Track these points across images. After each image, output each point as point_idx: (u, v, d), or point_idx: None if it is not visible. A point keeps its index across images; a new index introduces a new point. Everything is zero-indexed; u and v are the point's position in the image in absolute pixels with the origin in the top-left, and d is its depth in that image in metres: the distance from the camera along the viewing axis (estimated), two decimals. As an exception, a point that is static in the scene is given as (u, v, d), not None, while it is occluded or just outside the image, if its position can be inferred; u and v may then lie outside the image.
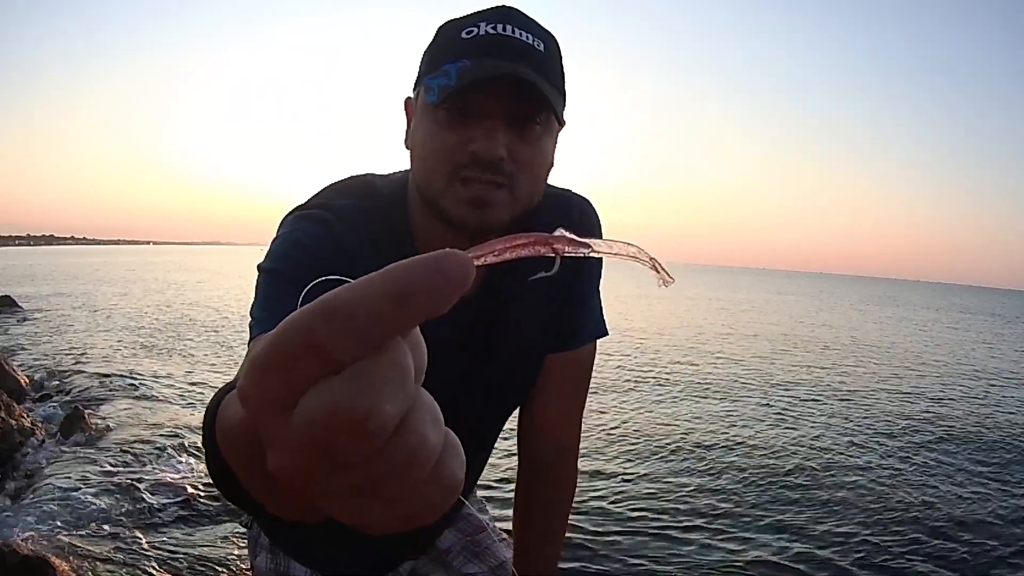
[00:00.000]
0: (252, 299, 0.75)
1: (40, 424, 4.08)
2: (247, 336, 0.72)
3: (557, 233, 0.27)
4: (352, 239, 0.78)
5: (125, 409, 4.88)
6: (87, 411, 4.18)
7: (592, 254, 0.29)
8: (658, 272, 0.31)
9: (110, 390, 5.48)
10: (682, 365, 8.13)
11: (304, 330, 0.20)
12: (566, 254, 0.27)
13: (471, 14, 0.74)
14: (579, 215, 0.93)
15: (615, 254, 0.29)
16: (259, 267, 0.77)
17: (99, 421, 4.26)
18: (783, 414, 5.82)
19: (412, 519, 0.23)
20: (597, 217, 0.97)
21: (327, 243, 0.77)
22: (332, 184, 0.85)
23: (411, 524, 0.23)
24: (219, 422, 0.29)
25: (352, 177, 0.87)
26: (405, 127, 0.81)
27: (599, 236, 0.95)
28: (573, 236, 0.27)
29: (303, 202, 0.83)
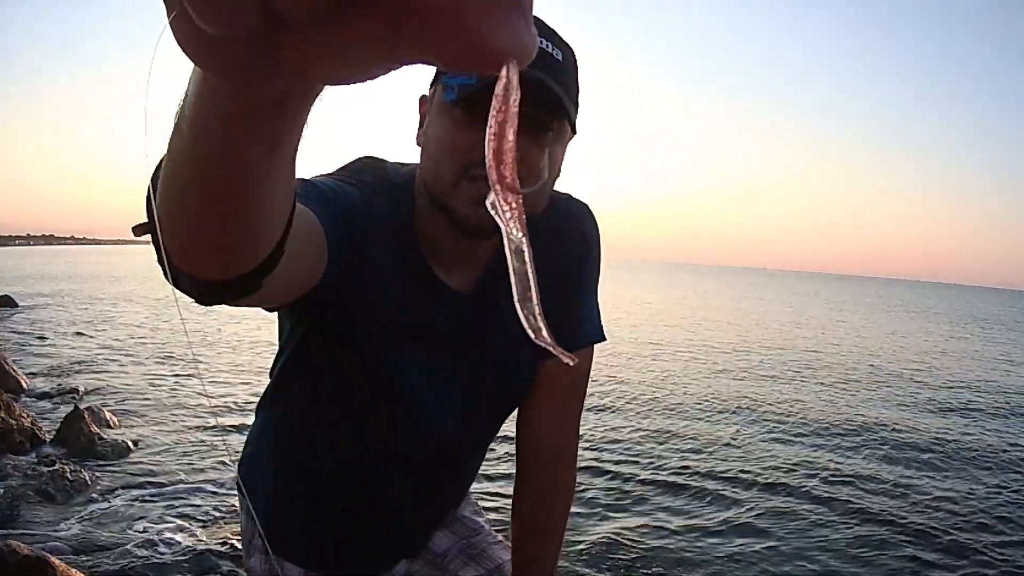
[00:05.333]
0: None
1: (40, 424, 4.09)
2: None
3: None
4: (371, 212, 0.80)
5: (125, 409, 4.88)
6: (87, 411, 4.18)
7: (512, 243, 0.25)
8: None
9: (110, 390, 5.49)
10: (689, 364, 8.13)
11: None
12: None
13: None
14: (577, 224, 0.95)
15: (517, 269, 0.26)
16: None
17: (99, 421, 4.26)
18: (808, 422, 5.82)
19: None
20: (595, 223, 0.98)
21: (361, 203, 0.79)
22: (352, 162, 0.87)
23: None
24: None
25: (368, 157, 0.89)
26: (418, 125, 0.83)
27: (597, 243, 0.98)
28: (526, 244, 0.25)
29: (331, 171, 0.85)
